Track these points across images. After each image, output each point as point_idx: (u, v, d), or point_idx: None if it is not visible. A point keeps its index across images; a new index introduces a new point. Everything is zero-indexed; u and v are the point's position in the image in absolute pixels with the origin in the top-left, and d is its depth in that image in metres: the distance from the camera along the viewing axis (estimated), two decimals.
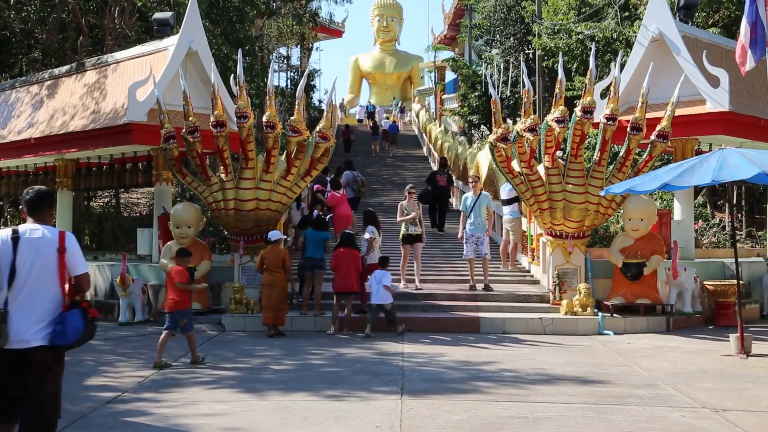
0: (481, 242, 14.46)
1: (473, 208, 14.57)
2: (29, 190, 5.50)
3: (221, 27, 24.37)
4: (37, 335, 5.17)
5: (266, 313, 12.63)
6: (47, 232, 5.32)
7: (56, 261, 5.27)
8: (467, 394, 8.29)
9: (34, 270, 5.21)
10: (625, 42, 21.55)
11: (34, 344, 5.15)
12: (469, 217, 14.59)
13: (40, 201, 5.44)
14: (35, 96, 19.32)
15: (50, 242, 5.29)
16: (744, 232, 21.51)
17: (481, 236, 14.47)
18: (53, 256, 5.27)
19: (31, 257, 5.22)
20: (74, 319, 5.24)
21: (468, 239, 14.52)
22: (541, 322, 12.94)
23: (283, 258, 12.62)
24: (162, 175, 15.99)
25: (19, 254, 5.19)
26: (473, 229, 14.51)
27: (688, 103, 14.64)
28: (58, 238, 5.31)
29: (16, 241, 5.22)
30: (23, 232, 5.29)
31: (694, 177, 10.33)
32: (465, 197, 15.10)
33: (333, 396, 8.22)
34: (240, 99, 13.44)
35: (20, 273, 5.18)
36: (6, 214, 27.13)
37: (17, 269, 5.18)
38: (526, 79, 13.91)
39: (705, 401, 7.95)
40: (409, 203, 14.89)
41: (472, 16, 39.20)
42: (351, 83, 65.22)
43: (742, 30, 12.05)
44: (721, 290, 13.76)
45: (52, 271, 5.26)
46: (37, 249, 5.25)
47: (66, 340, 5.23)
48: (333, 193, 18.44)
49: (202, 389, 8.64)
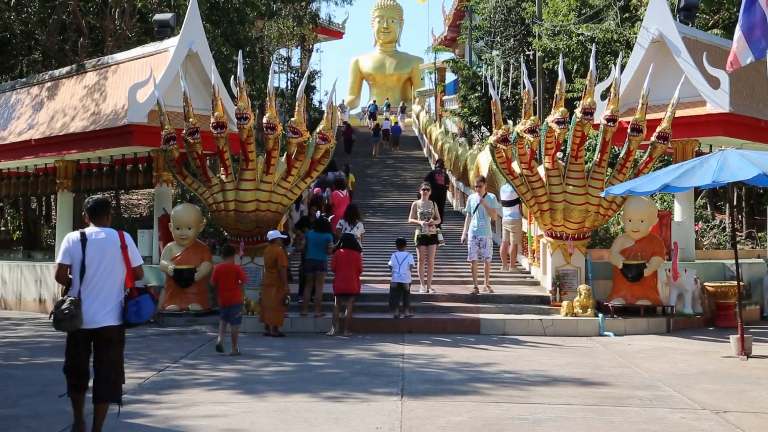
0: (484, 245, 14.26)
1: (477, 210, 14.40)
2: (89, 199, 6.68)
3: (221, 28, 24.39)
4: (106, 317, 6.38)
5: (262, 312, 12.71)
6: (109, 233, 6.50)
7: (120, 256, 6.47)
8: (467, 396, 8.28)
9: (102, 265, 6.39)
10: (625, 43, 21.55)
11: (104, 324, 6.38)
12: (473, 218, 14.41)
13: (100, 208, 6.61)
14: (35, 97, 19.33)
15: (113, 241, 6.48)
16: (744, 233, 21.52)
17: (484, 239, 14.28)
18: (117, 252, 6.46)
19: (99, 254, 6.39)
20: (147, 302, 6.47)
21: (471, 241, 14.34)
22: (541, 323, 12.94)
23: (276, 258, 12.57)
24: (162, 176, 16.00)
25: (87, 253, 6.37)
26: (477, 231, 14.31)
27: (689, 104, 14.63)
28: (118, 237, 6.51)
29: (84, 242, 6.40)
30: (89, 234, 6.47)
31: (694, 178, 10.33)
32: (470, 198, 14.91)
33: (333, 397, 8.21)
34: (240, 100, 13.45)
35: (89, 268, 6.36)
36: (6, 215, 27.14)
37: (87, 265, 6.35)
38: (526, 81, 13.91)
39: (705, 402, 7.94)
40: (424, 202, 14.46)
41: (473, 17, 39.19)
42: (351, 84, 65.20)
43: (735, 34, 12.06)
44: (722, 291, 13.76)
45: (116, 264, 6.46)
46: (103, 248, 6.42)
47: (141, 319, 6.49)
48: (336, 192, 18.48)
49: (202, 390, 8.64)
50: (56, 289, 16.45)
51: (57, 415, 7.49)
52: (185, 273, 13.91)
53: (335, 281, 12.97)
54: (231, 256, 11.48)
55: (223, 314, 11.12)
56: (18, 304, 17.78)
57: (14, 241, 25.32)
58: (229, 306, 11.02)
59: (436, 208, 14.44)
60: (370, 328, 13.01)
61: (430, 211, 14.28)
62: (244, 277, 11.51)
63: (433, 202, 14.59)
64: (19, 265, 18.14)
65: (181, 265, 13.98)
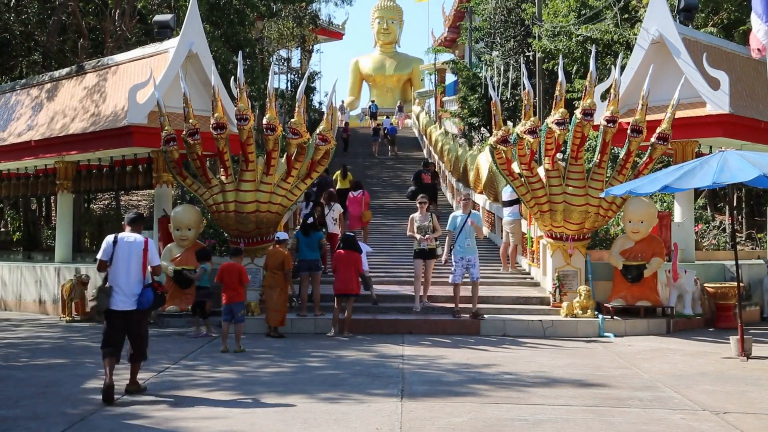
0: (473, 265, 13.06)
1: (462, 229, 13.11)
2: (130, 212, 9.05)
3: (221, 29, 24.39)
4: (129, 303, 8.29)
5: (267, 314, 12.76)
6: (137, 238, 8.42)
7: (142, 256, 8.32)
8: (467, 397, 8.28)
9: (129, 262, 8.27)
10: (625, 44, 21.54)
11: (129, 308, 8.29)
12: (458, 238, 13.12)
13: (136, 220, 8.67)
14: (35, 98, 19.33)
15: (138, 244, 8.37)
16: (744, 234, 21.51)
17: (472, 259, 13.08)
18: (140, 253, 8.33)
19: (126, 253, 8.29)
20: (148, 294, 8.35)
21: (458, 262, 13.09)
22: (541, 324, 12.93)
23: (283, 260, 12.66)
24: (162, 177, 16.01)
25: (117, 252, 8.29)
26: (463, 251, 13.07)
27: (689, 105, 14.64)
28: (143, 242, 8.39)
29: (115, 243, 8.31)
30: (121, 237, 8.39)
31: (694, 179, 10.32)
32: (453, 216, 13.46)
33: (333, 398, 8.21)
34: (240, 101, 13.45)
35: (116, 264, 8.27)
36: (6, 216, 27.13)
37: (114, 261, 8.26)
38: (526, 82, 13.91)
39: (705, 403, 7.94)
40: (422, 215, 13.60)
41: (473, 18, 39.20)
42: (351, 85, 65.16)
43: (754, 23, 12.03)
44: (722, 292, 13.75)
45: (139, 262, 8.32)
46: (129, 249, 8.32)
47: (143, 306, 8.36)
48: (350, 193, 18.83)
49: (201, 392, 8.63)
50: (55, 290, 16.48)
51: (57, 416, 7.48)
52: (185, 274, 13.89)
53: (335, 282, 12.96)
54: (237, 257, 11.79)
55: (225, 313, 11.38)
56: (18, 305, 17.78)
57: (14, 242, 25.31)
58: (232, 304, 11.31)
59: (434, 219, 13.67)
60: (370, 329, 13.00)
61: (428, 224, 13.50)
62: (246, 278, 11.67)
63: (432, 215, 13.79)
64: (18, 266, 18.14)
65: (181, 266, 13.97)
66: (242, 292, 11.58)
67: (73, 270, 16.04)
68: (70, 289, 15.35)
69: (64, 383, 9.13)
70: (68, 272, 16.15)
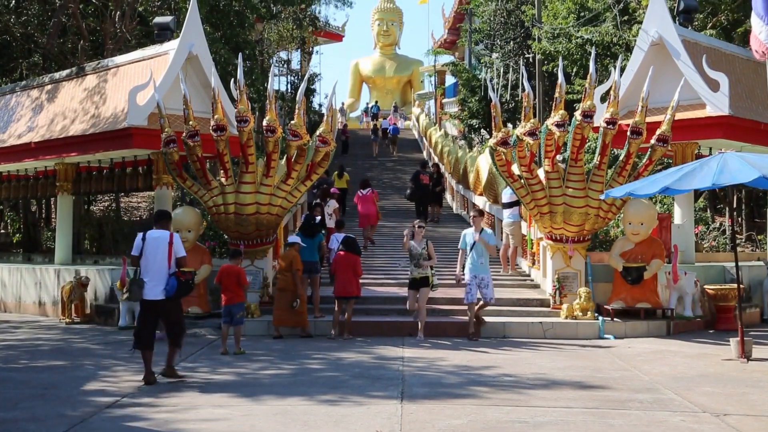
0: (486, 284, 12.52)
1: (474, 246, 12.62)
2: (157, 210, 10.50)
3: (221, 31, 24.38)
4: (159, 292, 9.07)
5: (276, 314, 12.84)
6: (163, 234, 9.25)
7: (167, 249, 9.11)
8: (467, 399, 8.27)
9: (156, 255, 9.09)
10: (624, 46, 21.56)
11: (159, 298, 9.09)
12: (470, 255, 12.65)
13: (162, 217, 9.58)
14: (35, 100, 19.33)
15: (165, 239, 9.18)
16: (744, 236, 21.49)
17: (485, 278, 12.55)
18: (166, 247, 9.14)
19: (153, 249, 9.11)
20: (172, 282, 9.09)
21: (471, 281, 12.54)
22: (541, 326, 12.93)
23: (291, 261, 12.75)
24: (162, 179, 15.99)
25: (146, 247, 9.14)
26: (476, 269, 12.52)
27: (688, 107, 14.64)
28: (168, 236, 9.23)
29: (145, 239, 9.17)
30: (150, 234, 9.26)
31: (694, 181, 10.32)
32: (465, 233, 12.95)
33: (333, 400, 8.20)
34: (240, 103, 13.45)
35: (146, 258, 9.12)
36: (6, 218, 27.12)
37: (144, 255, 9.12)
38: (526, 83, 13.92)
39: (706, 406, 7.93)
40: (417, 241, 12.56)
41: (472, 20, 39.23)
42: (351, 87, 65.19)
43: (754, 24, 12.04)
44: (722, 294, 13.74)
45: (165, 255, 9.12)
46: (157, 243, 9.15)
47: (169, 294, 9.09)
48: (358, 192, 19.30)
49: (201, 394, 8.63)
50: (55, 292, 16.47)
51: (56, 418, 7.48)
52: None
53: (335, 284, 12.96)
54: (236, 258, 11.81)
55: (225, 314, 11.41)
56: (17, 306, 17.77)
57: (14, 243, 25.30)
58: (231, 306, 11.34)
59: (430, 247, 12.59)
60: (371, 331, 13.00)
61: (422, 252, 12.49)
62: (245, 279, 11.71)
63: (427, 241, 12.69)
64: (18, 268, 18.13)
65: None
66: (241, 293, 11.61)
67: (73, 272, 16.03)
68: (70, 290, 15.34)
69: (64, 385, 9.13)
70: (68, 274, 16.14)
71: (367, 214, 19.06)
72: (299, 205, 18.67)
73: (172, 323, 9.28)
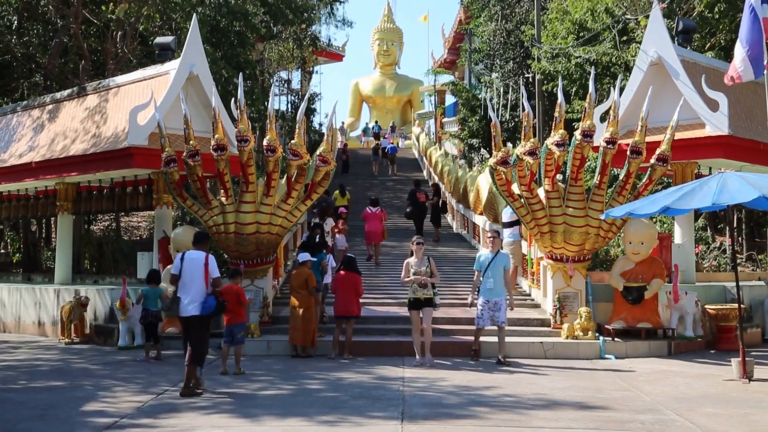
0: (499, 308, 12.15)
1: (489, 267, 12.27)
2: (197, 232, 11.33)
3: (222, 51, 24.49)
4: (193, 309, 9.67)
5: (291, 333, 12.83)
6: (199, 255, 9.88)
7: (203, 269, 9.73)
8: (468, 419, 8.23)
9: (193, 274, 9.72)
10: (624, 66, 21.64)
11: (192, 314, 9.69)
12: (484, 278, 12.31)
13: (201, 240, 10.23)
14: (36, 120, 19.38)
15: (201, 260, 9.81)
16: (744, 255, 21.47)
17: (499, 301, 12.17)
18: (201, 267, 9.75)
19: (190, 269, 9.77)
20: (210, 300, 9.73)
21: (483, 305, 12.25)
22: (542, 346, 12.88)
23: (306, 279, 12.77)
24: (162, 198, 16.02)
25: (183, 266, 9.79)
26: (490, 293, 12.19)
27: (688, 126, 14.68)
28: (204, 257, 9.83)
29: (183, 259, 9.84)
30: (187, 254, 9.95)
31: (694, 200, 10.32)
32: (479, 255, 12.67)
33: (332, 421, 8.15)
34: (240, 122, 13.48)
35: (184, 276, 9.76)
36: (6, 237, 27.11)
37: (182, 274, 9.76)
38: (525, 103, 13.95)
39: (708, 426, 7.89)
40: (418, 259, 12.18)
41: (472, 40, 39.41)
42: (351, 107, 65.39)
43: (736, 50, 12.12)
44: (723, 314, 13.70)
45: (201, 275, 9.74)
46: (193, 264, 9.79)
47: (206, 311, 9.69)
48: (366, 209, 19.77)
49: (200, 414, 8.58)
50: (54, 312, 16.41)
51: None
52: None
53: (335, 304, 12.94)
54: (235, 278, 11.79)
55: (226, 334, 11.48)
56: (17, 327, 17.72)
57: (14, 263, 25.27)
58: (232, 326, 11.37)
59: (432, 264, 12.19)
60: (371, 351, 12.95)
61: (425, 270, 12.11)
62: (245, 298, 11.70)
63: (429, 258, 12.31)
64: (18, 288, 18.09)
65: None
66: (242, 313, 11.61)
67: (73, 292, 16.00)
68: (70, 310, 15.30)
69: (63, 406, 9.08)
70: (68, 294, 16.11)
71: (373, 232, 19.25)
72: (299, 225, 18.68)
73: (199, 339, 9.72)
